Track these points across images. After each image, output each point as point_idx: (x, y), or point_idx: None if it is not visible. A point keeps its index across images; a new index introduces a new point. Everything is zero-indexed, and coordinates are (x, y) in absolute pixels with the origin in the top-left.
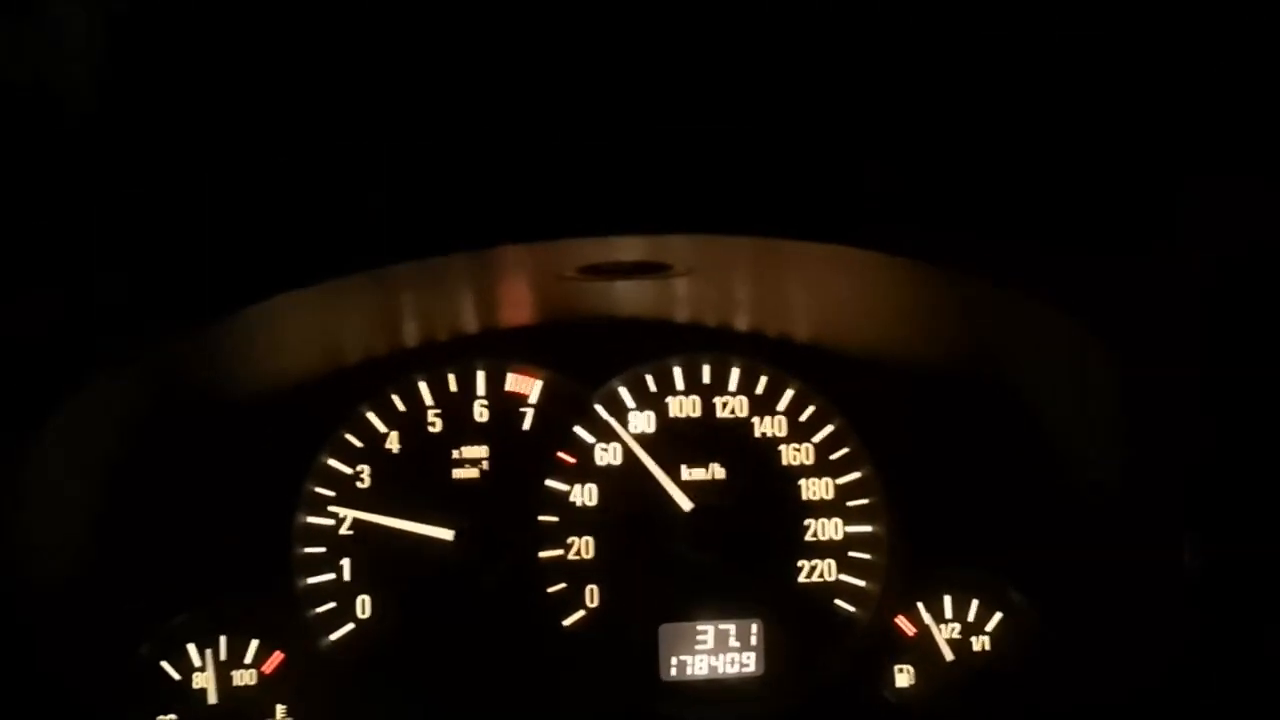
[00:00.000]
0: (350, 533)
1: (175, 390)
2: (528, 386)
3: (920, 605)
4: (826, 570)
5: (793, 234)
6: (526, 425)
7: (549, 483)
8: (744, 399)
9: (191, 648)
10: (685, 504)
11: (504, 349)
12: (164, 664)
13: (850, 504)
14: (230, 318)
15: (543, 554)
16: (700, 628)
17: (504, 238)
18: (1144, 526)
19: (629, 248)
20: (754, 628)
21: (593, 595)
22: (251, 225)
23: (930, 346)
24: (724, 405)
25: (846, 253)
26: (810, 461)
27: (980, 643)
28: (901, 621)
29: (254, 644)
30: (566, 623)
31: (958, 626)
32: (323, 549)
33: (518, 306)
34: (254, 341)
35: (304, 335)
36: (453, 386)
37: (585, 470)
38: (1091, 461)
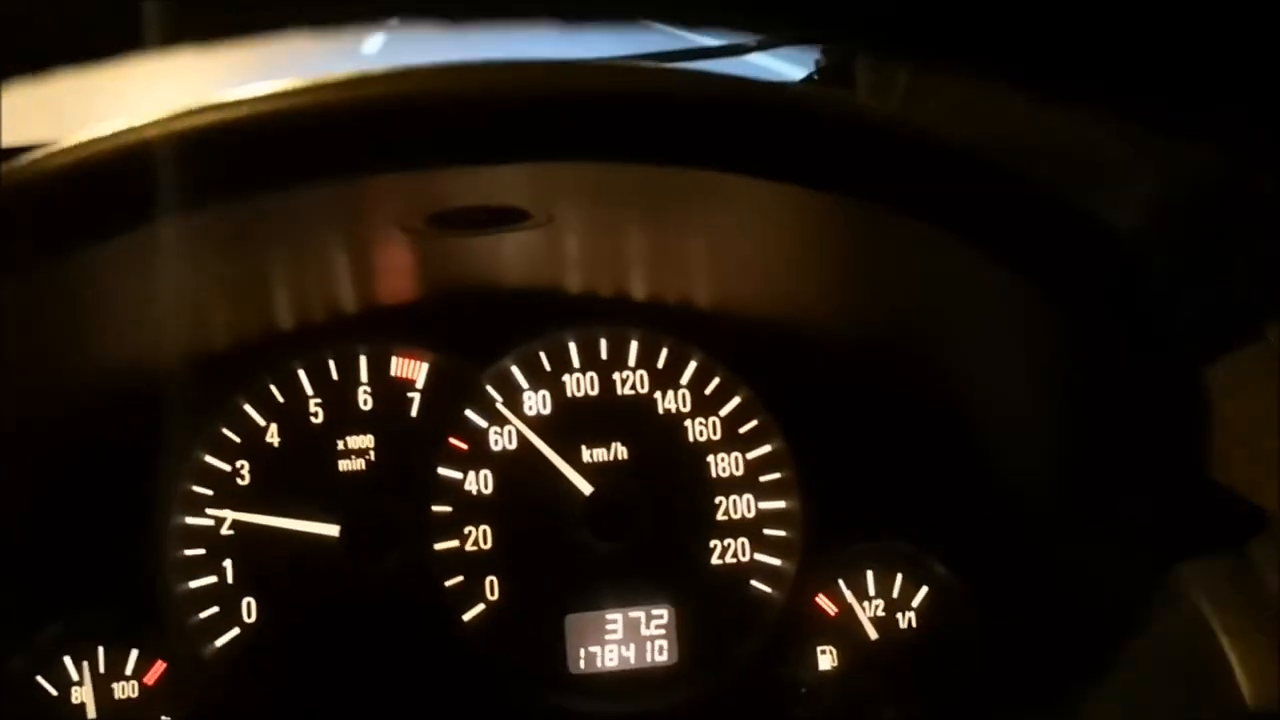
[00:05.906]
0: (232, 532)
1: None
2: (414, 370)
3: (841, 582)
4: (740, 550)
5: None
6: (414, 411)
7: (441, 471)
8: (644, 373)
9: (68, 660)
10: (586, 488)
11: (387, 330)
12: (39, 679)
13: (762, 479)
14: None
15: (438, 546)
16: (609, 617)
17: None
18: (1077, 496)
19: (475, 187)
20: (665, 614)
21: (493, 587)
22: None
23: (842, 307)
24: (624, 381)
25: (743, 191)
26: (718, 436)
27: (906, 619)
28: (822, 601)
29: (134, 654)
30: (466, 617)
31: (881, 604)
32: (202, 551)
33: (391, 276)
34: (97, 320)
35: (154, 316)
36: (334, 373)
37: (479, 456)
38: (1024, 432)
